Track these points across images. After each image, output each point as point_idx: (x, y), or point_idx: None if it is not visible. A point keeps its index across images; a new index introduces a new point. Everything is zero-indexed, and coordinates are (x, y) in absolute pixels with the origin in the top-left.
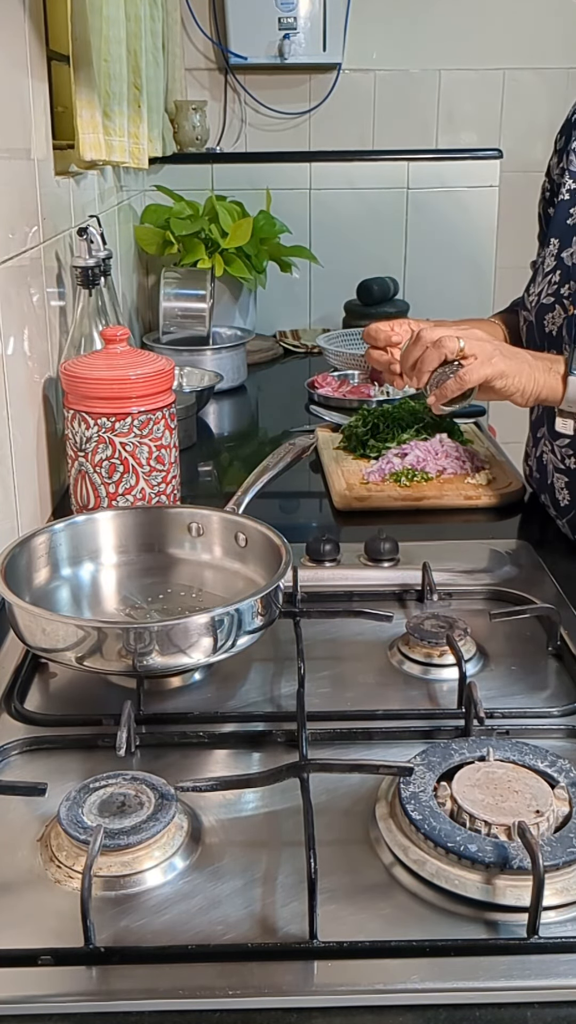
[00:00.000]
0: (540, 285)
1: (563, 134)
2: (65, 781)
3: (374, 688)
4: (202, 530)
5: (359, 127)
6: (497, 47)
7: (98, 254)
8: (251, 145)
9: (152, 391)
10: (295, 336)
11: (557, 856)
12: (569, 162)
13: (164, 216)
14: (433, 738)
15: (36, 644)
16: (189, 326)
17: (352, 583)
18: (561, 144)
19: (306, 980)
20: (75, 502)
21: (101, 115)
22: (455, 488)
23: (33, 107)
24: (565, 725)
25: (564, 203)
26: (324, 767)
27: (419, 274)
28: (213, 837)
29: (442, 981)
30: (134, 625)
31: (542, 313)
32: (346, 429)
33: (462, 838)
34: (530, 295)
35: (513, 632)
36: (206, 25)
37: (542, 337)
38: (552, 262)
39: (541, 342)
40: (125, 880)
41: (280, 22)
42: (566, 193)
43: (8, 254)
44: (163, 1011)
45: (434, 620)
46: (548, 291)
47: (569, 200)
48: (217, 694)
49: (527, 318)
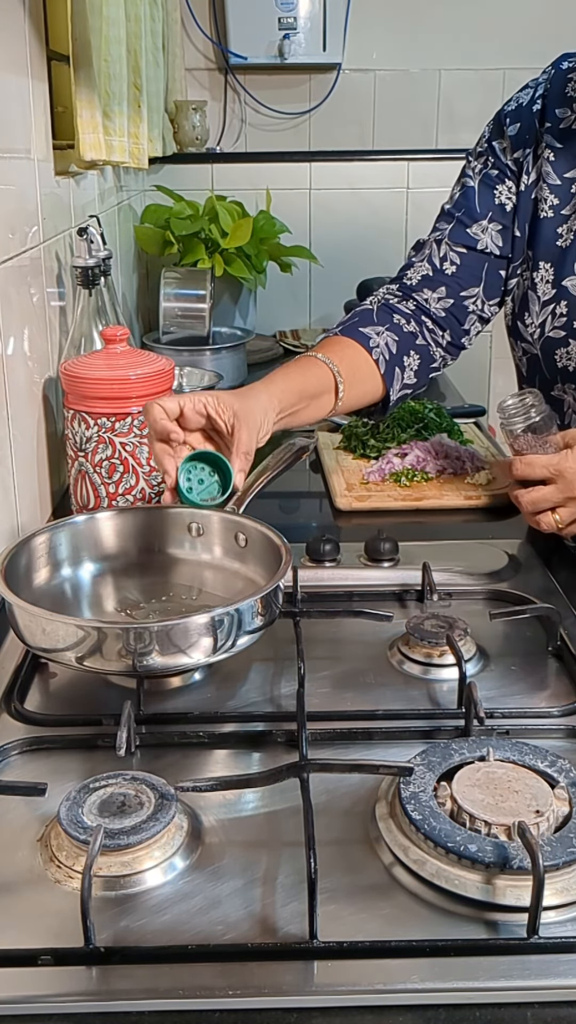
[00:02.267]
0: (541, 316)
1: (519, 124)
2: (65, 781)
3: (374, 688)
4: (202, 530)
5: (359, 127)
6: (497, 47)
7: (98, 254)
8: (251, 145)
9: (152, 391)
10: (295, 336)
11: (557, 856)
12: (546, 174)
13: (164, 216)
14: (433, 738)
15: (36, 644)
16: (189, 326)
17: (352, 583)
18: (513, 132)
19: (306, 980)
20: (75, 502)
21: (101, 115)
22: (455, 488)
23: (33, 107)
24: (565, 725)
25: (548, 221)
26: (324, 767)
27: None
28: (213, 837)
29: (442, 981)
30: (134, 625)
31: (551, 347)
32: (346, 429)
33: (462, 838)
34: (528, 326)
35: (513, 632)
36: (206, 25)
37: (553, 372)
38: (549, 289)
39: (552, 377)
40: (125, 880)
41: (280, 22)
42: (549, 210)
43: (8, 254)
44: (163, 1011)
45: (434, 620)
46: (554, 323)
47: (554, 218)
48: (217, 694)
49: (528, 351)
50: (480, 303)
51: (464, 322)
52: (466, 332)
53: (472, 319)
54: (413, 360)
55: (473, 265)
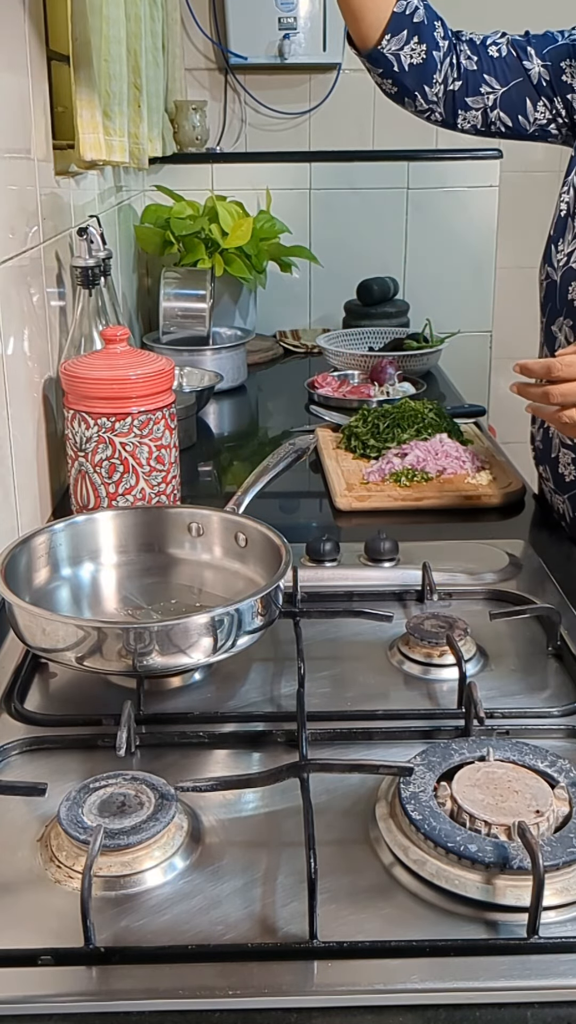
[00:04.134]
0: (571, 245)
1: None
2: (65, 781)
3: (374, 688)
4: (202, 530)
5: (359, 127)
6: None
7: (98, 254)
8: (251, 145)
9: (152, 391)
10: (295, 336)
11: (557, 856)
12: None
13: (164, 216)
14: (433, 738)
15: (36, 644)
16: (189, 326)
17: (352, 583)
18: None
19: (306, 980)
20: (75, 502)
21: (101, 115)
22: (455, 488)
23: (33, 107)
24: (565, 725)
25: None
26: (324, 767)
27: (419, 274)
28: (213, 837)
29: (442, 981)
30: (134, 625)
31: (570, 278)
32: (346, 429)
33: (462, 838)
34: (559, 251)
35: (513, 632)
36: (206, 25)
37: (563, 303)
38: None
39: (560, 309)
40: (125, 880)
41: (280, 22)
42: None
43: (8, 254)
44: (163, 1011)
45: (434, 620)
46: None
47: None
48: (217, 694)
49: (550, 275)
50: (493, 101)
51: (470, 93)
52: (467, 107)
53: (478, 103)
54: (419, 45)
55: (510, 66)
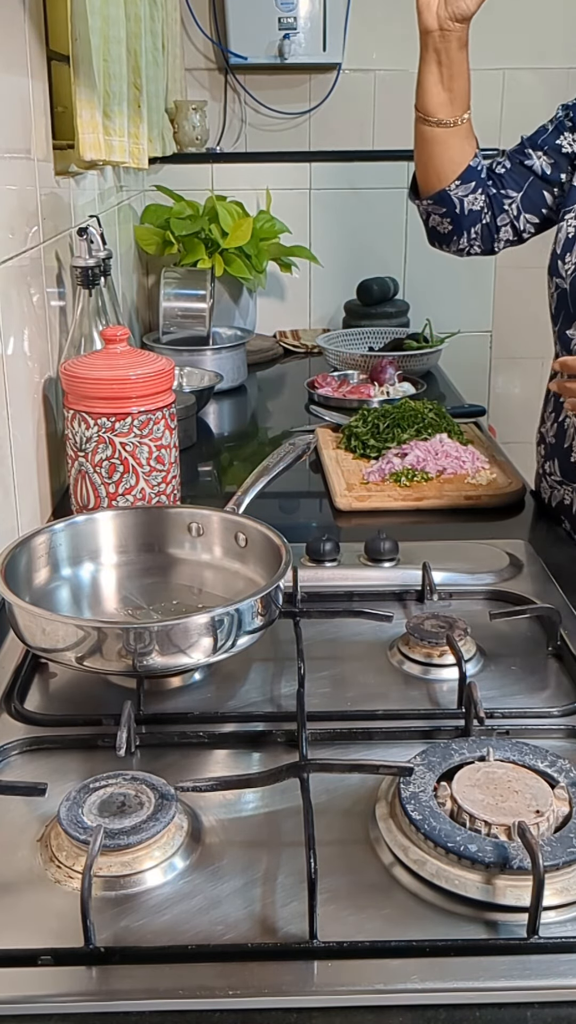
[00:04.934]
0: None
1: None
2: (65, 781)
3: (374, 688)
4: (202, 530)
5: (359, 127)
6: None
7: (98, 254)
8: (251, 145)
9: (152, 391)
10: (295, 336)
11: (557, 856)
12: None
13: (164, 216)
14: (433, 738)
15: (36, 644)
16: (189, 326)
17: (352, 583)
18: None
19: (306, 980)
20: (75, 502)
21: (101, 115)
22: (455, 488)
23: (33, 107)
24: (565, 725)
25: None
26: (324, 767)
27: (419, 274)
28: (213, 837)
29: (442, 981)
30: (134, 625)
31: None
32: (346, 429)
33: (462, 838)
34: (565, 263)
35: (513, 632)
36: (206, 25)
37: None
38: None
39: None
40: (125, 880)
41: (280, 22)
42: None
43: (8, 254)
44: (163, 1011)
45: (434, 620)
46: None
47: None
48: (217, 694)
49: (559, 285)
50: (516, 209)
51: (496, 214)
52: (498, 229)
53: (505, 220)
54: (481, 195)
55: (518, 172)
